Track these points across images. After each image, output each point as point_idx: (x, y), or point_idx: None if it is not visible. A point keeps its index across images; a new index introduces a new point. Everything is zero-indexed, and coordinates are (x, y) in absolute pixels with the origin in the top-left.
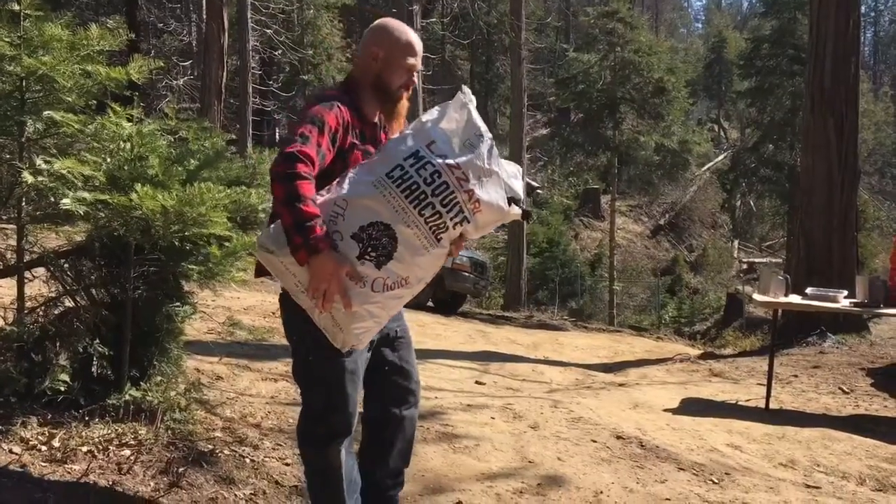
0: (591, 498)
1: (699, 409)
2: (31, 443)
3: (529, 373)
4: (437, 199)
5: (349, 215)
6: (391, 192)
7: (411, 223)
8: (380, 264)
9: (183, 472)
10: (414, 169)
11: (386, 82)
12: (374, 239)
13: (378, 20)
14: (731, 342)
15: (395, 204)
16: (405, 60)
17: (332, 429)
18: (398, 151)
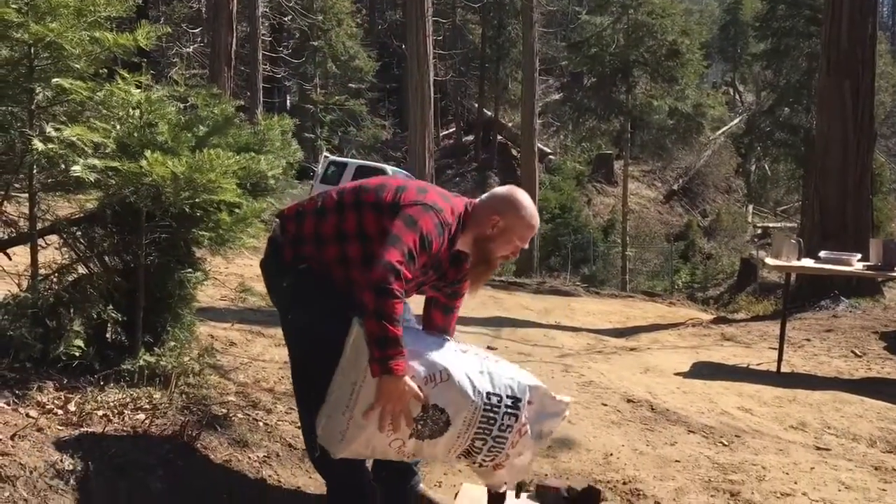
0: (601, 460)
1: (710, 372)
2: (47, 407)
3: (541, 338)
4: (491, 440)
5: (438, 390)
6: (477, 409)
7: (462, 435)
8: (419, 436)
9: (197, 434)
10: (505, 409)
11: (491, 249)
12: (432, 419)
13: (512, 188)
14: (744, 307)
15: (469, 417)
16: (518, 239)
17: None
18: (511, 383)
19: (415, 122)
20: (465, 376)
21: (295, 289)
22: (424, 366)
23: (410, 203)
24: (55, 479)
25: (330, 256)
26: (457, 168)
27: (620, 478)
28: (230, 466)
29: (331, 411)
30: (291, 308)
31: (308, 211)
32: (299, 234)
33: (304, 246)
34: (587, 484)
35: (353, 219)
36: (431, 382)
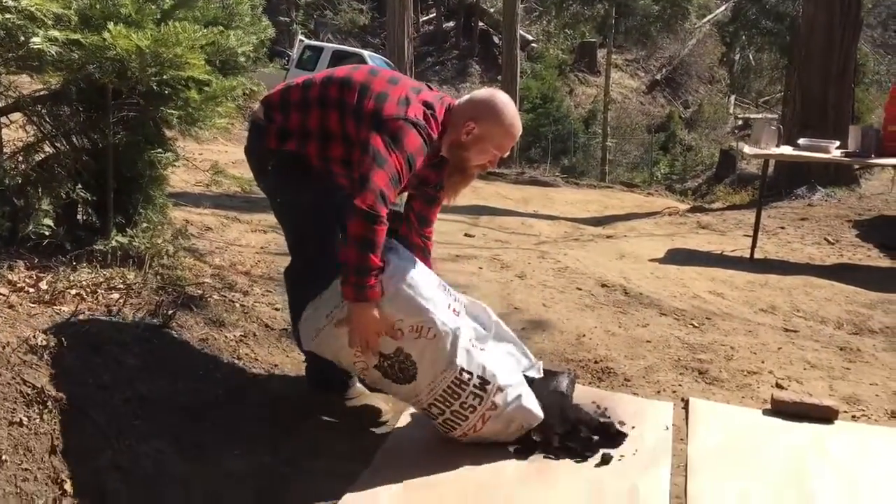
0: (574, 341)
1: (684, 258)
2: (18, 285)
3: (518, 226)
4: (448, 413)
5: (418, 343)
6: (444, 379)
7: (421, 394)
8: (384, 373)
9: (172, 314)
10: (473, 388)
11: (465, 157)
12: (400, 366)
13: (492, 91)
14: (722, 197)
15: (433, 383)
16: (495, 148)
17: (307, 261)
18: (489, 365)
19: (393, 6)
20: (451, 344)
21: (280, 171)
22: (416, 314)
23: (392, 118)
24: (28, 355)
25: (312, 151)
26: (437, 56)
27: (592, 357)
28: (206, 345)
29: (318, 305)
30: (279, 190)
31: (293, 102)
32: (286, 127)
33: (290, 140)
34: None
35: (336, 119)
36: (415, 333)
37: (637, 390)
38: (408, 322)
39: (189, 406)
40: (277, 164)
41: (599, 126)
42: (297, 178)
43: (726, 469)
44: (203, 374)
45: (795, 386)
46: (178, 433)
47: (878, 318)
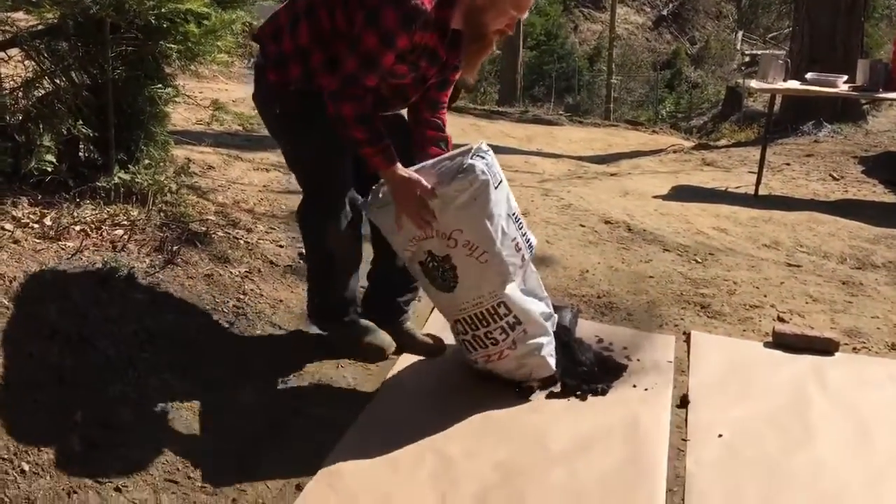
0: (577, 276)
1: (688, 195)
2: (22, 221)
3: (522, 164)
4: (471, 336)
5: (467, 259)
6: (480, 302)
7: (453, 308)
8: (428, 277)
9: (177, 250)
10: (504, 324)
11: (484, 23)
12: (442, 274)
13: None
14: (727, 135)
15: (468, 303)
16: (513, 8)
17: (321, 207)
18: (526, 310)
19: None
20: (499, 275)
21: (287, 114)
22: (477, 233)
23: None
24: (36, 289)
25: (316, 64)
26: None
27: (595, 292)
28: (212, 281)
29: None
30: (288, 135)
31: (284, 26)
32: (280, 53)
33: (289, 65)
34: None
35: (325, 16)
36: (468, 249)
37: (639, 325)
38: (465, 236)
39: (196, 340)
40: (284, 107)
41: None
42: (305, 120)
43: (727, 400)
44: (209, 309)
45: (797, 319)
46: (186, 367)
47: (882, 252)
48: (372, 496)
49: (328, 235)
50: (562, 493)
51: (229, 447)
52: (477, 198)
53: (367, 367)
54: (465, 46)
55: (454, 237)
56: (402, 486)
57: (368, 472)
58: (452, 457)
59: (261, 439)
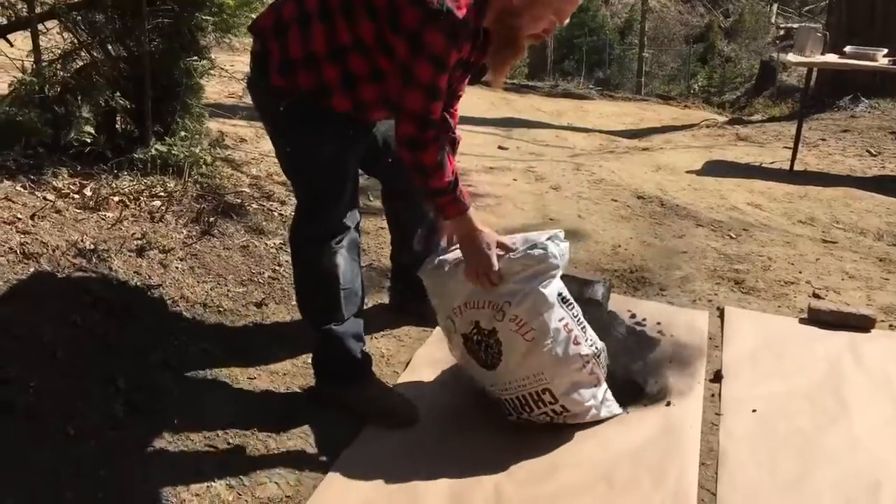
0: (610, 251)
1: (722, 170)
2: (63, 191)
3: (552, 138)
4: (526, 415)
5: (511, 332)
6: (524, 385)
7: (502, 384)
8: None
9: (213, 221)
10: (549, 408)
11: (516, 25)
12: (488, 345)
13: None
14: (761, 110)
15: (516, 382)
16: (554, 14)
17: (321, 224)
18: (572, 394)
19: None
20: (547, 358)
21: (292, 113)
22: (528, 312)
23: (412, 15)
24: (77, 258)
25: (332, 80)
26: None
27: (628, 267)
28: (248, 252)
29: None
30: (290, 138)
31: (289, 21)
32: (286, 58)
33: (297, 74)
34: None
35: (344, 27)
36: (515, 325)
37: (673, 300)
38: (514, 310)
39: (234, 309)
40: (289, 105)
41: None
42: (314, 124)
43: (761, 375)
44: (246, 279)
45: (833, 296)
46: (224, 335)
47: None
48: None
49: (322, 251)
50: (592, 466)
51: (266, 413)
52: (538, 276)
53: (400, 339)
54: (494, 51)
55: (504, 309)
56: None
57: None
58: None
59: (297, 406)
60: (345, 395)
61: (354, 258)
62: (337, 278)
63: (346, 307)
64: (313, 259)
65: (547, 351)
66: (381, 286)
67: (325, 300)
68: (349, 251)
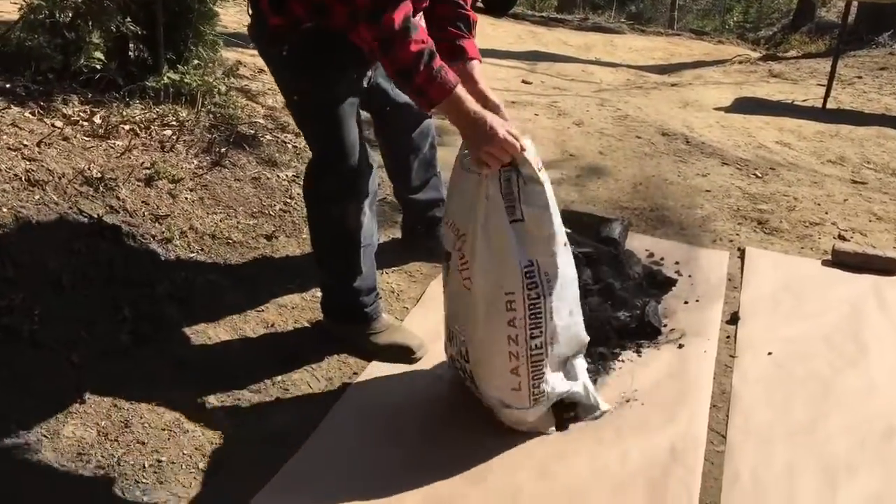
0: (630, 189)
1: (752, 107)
2: (72, 118)
3: (578, 73)
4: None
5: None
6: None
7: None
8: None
9: (225, 152)
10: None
11: None
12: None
13: None
14: (797, 46)
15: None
16: None
17: (341, 178)
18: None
19: None
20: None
21: (295, 58)
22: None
23: None
24: (84, 186)
25: (339, 21)
26: None
27: (648, 205)
28: (259, 183)
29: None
30: (296, 84)
31: None
32: None
33: (290, 3)
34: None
35: None
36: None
37: (692, 239)
38: (466, 243)
39: (243, 241)
40: (291, 50)
41: None
42: (318, 69)
43: (779, 317)
44: (257, 211)
45: (859, 238)
46: (233, 266)
47: None
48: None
49: (348, 209)
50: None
51: (272, 347)
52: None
53: (411, 274)
54: None
55: (462, 235)
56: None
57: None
58: None
59: (304, 340)
60: (352, 332)
61: (373, 210)
62: (359, 238)
63: (364, 262)
64: (336, 219)
65: (474, 305)
66: (393, 220)
67: (345, 258)
68: (370, 206)
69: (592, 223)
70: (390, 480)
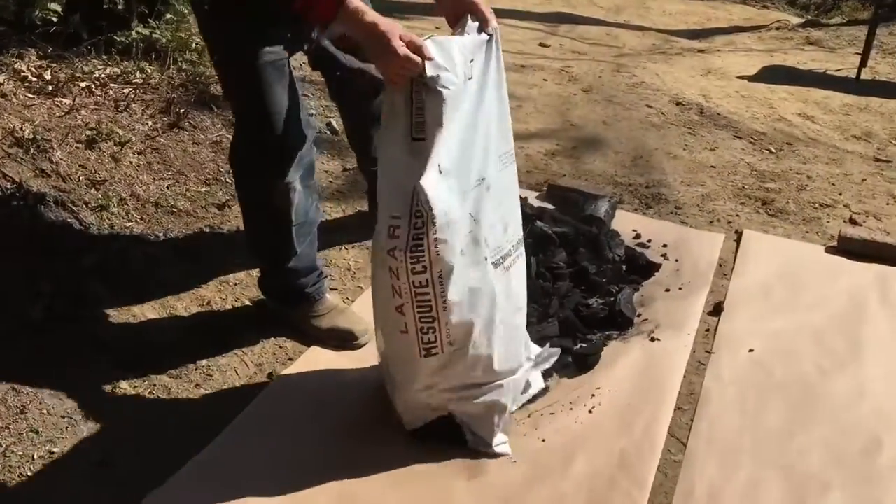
0: (629, 162)
1: (779, 76)
2: (22, 74)
3: (602, 37)
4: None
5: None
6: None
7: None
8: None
9: (184, 112)
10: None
11: None
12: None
13: None
14: (848, 12)
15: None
16: None
17: (267, 149)
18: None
19: None
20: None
21: (217, 12)
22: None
23: None
24: (13, 147)
25: None
26: None
27: (644, 181)
28: (220, 147)
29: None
30: (218, 43)
31: None
32: None
33: None
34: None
35: None
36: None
37: (687, 219)
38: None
39: (192, 210)
40: (214, 3)
41: None
42: (244, 22)
43: (768, 309)
44: (211, 178)
45: (872, 222)
46: (175, 238)
47: None
48: None
49: (274, 185)
50: (556, 403)
51: (205, 326)
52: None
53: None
54: None
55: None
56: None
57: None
58: None
59: (241, 320)
60: (291, 314)
61: (308, 185)
62: (289, 217)
63: (298, 241)
64: (260, 196)
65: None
66: (364, 191)
67: (275, 238)
68: (303, 180)
69: (578, 200)
70: (304, 479)
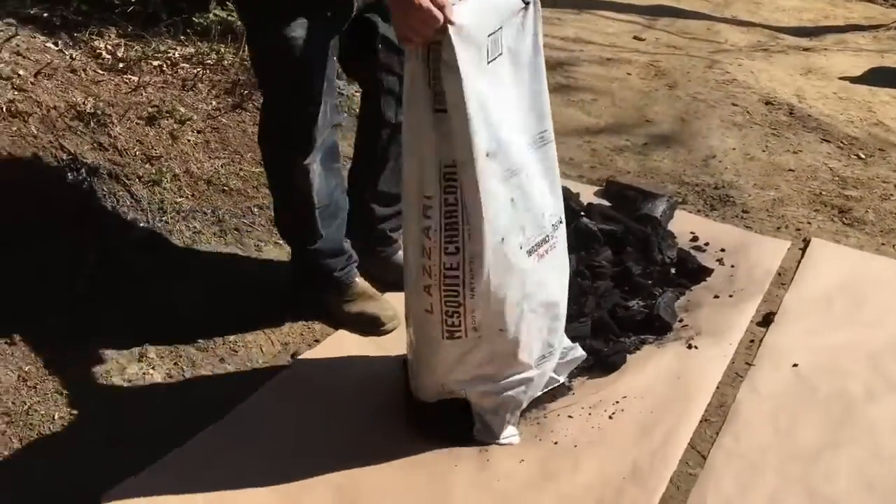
0: (700, 162)
1: (886, 79)
2: (97, 51)
3: (702, 31)
4: None
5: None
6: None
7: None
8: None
9: (248, 94)
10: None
11: None
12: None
13: None
14: None
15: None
16: None
17: (290, 132)
18: None
19: None
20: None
21: None
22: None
23: None
24: (75, 121)
25: None
26: None
27: (713, 182)
28: None
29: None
30: (257, 23)
31: None
32: None
33: None
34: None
35: None
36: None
37: (753, 224)
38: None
39: (243, 190)
40: None
41: None
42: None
43: (823, 323)
44: None
45: None
46: (222, 216)
47: None
48: None
49: (295, 163)
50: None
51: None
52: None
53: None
54: None
55: None
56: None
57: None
58: None
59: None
60: (320, 297)
61: (331, 168)
62: (311, 198)
63: (322, 225)
64: (284, 175)
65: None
66: None
67: (298, 220)
68: (324, 163)
69: (636, 198)
70: (307, 466)
